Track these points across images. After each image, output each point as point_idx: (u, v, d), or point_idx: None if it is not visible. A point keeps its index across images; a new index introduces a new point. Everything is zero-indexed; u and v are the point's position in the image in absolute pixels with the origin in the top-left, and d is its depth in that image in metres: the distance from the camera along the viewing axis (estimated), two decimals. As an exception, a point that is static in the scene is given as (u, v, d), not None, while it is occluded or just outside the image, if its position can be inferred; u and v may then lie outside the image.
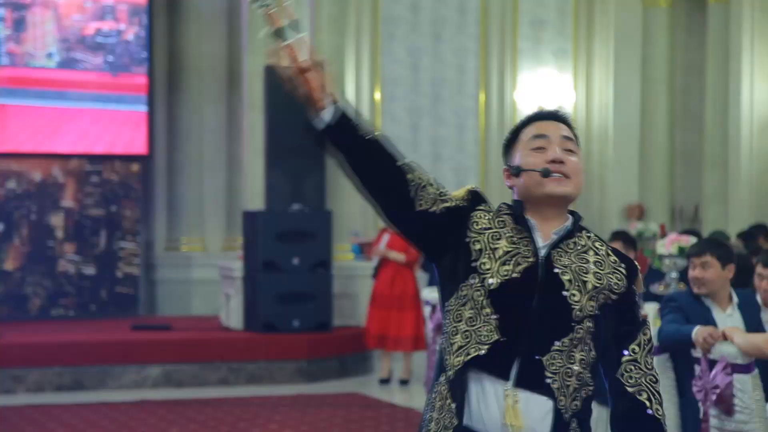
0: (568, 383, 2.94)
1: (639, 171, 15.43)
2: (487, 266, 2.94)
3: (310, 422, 9.10)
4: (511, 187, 3.10)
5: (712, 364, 5.60)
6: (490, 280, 2.92)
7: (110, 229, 13.42)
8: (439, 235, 2.99)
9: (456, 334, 2.95)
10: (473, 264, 2.95)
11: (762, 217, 13.68)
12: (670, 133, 15.24)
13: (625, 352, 3.07)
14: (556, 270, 2.97)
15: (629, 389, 3.05)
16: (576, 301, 2.95)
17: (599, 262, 3.04)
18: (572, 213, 3.08)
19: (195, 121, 13.84)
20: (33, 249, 13.11)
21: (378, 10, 14.91)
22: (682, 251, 8.09)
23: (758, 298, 6.46)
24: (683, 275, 7.46)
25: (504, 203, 3.09)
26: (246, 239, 11.86)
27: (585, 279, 2.99)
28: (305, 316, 11.31)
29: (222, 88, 13.92)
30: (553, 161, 2.99)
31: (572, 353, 2.95)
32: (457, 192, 3.06)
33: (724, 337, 5.61)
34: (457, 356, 2.92)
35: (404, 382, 10.83)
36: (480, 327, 2.92)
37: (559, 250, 3.00)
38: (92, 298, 13.35)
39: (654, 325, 6.24)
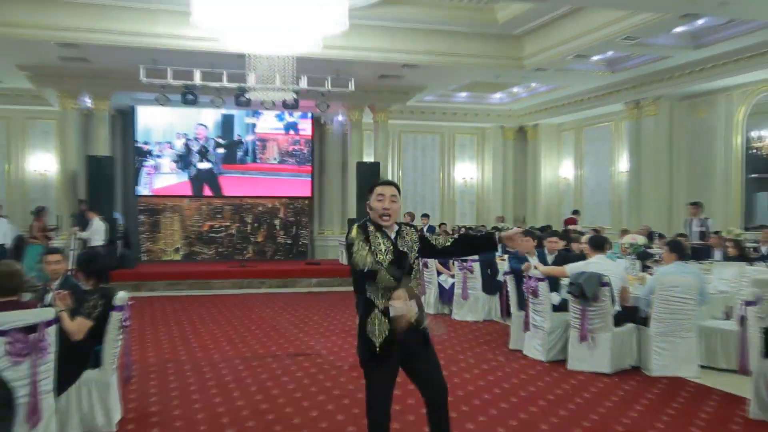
0: (417, 291, 2.72)
1: (502, 204, 15.24)
2: (383, 258, 2.62)
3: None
4: (368, 212, 2.75)
5: (530, 278, 5.51)
6: (386, 264, 2.61)
7: (296, 226, 13.16)
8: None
9: (378, 290, 2.60)
10: (378, 260, 2.61)
11: (549, 221, 13.67)
12: (515, 191, 15.20)
13: (434, 244, 2.76)
14: (401, 248, 2.69)
15: (449, 245, 2.76)
16: (412, 259, 2.70)
17: (410, 240, 2.73)
18: (397, 223, 2.74)
19: (329, 184, 13.50)
20: (267, 235, 12.93)
21: (401, 141, 14.89)
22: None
23: (546, 251, 6.16)
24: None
25: (368, 222, 2.70)
26: (349, 230, 11.75)
27: (411, 248, 2.71)
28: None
29: (339, 171, 13.53)
30: (384, 208, 2.68)
31: (415, 277, 2.72)
32: (353, 233, 2.66)
33: (536, 268, 5.60)
34: (383, 299, 2.58)
35: None
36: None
37: (397, 239, 2.71)
38: (290, 252, 13.10)
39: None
